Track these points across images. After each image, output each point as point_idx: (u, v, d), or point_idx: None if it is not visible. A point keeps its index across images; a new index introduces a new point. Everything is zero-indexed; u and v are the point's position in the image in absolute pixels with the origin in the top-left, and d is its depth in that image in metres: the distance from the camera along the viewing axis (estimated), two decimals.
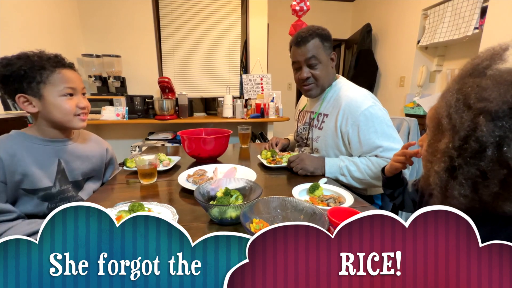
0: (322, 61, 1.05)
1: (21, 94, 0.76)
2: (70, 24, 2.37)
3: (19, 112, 1.62)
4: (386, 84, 3.19)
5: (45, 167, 0.82)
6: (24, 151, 0.78)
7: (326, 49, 1.05)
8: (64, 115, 0.82)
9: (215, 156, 1.17)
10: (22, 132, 0.82)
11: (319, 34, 1.03)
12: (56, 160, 0.85)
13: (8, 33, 1.62)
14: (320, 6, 3.90)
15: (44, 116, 0.81)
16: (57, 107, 0.80)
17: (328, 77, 1.09)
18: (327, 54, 1.06)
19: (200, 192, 0.67)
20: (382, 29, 3.21)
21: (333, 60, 1.09)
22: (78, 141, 0.95)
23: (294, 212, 0.59)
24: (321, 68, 1.06)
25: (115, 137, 2.72)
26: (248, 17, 2.82)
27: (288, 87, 4.15)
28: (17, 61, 0.75)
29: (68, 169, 0.88)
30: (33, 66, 0.76)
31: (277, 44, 3.81)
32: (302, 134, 1.24)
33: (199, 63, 2.85)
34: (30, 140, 0.81)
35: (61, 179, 0.86)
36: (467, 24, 2.08)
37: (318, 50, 1.03)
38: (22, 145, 0.79)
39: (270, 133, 2.70)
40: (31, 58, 0.77)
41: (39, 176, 0.80)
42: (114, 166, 1.11)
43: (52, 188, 0.83)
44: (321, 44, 1.04)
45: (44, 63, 0.78)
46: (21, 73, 0.74)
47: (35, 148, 0.81)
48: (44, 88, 0.78)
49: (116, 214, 0.61)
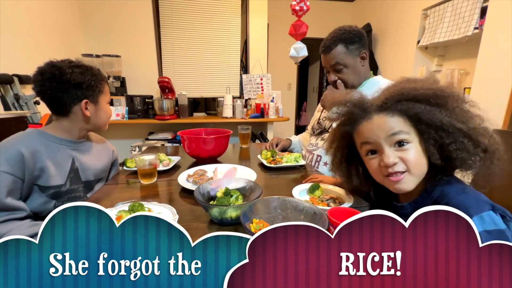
0: (348, 65, 1.07)
1: (87, 100, 0.87)
2: (70, 24, 2.37)
3: (19, 112, 1.62)
4: None
5: (60, 166, 0.85)
6: (43, 148, 0.82)
7: (352, 51, 1.06)
8: (107, 119, 0.98)
9: (215, 156, 1.17)
10: (39, 130, 0.86)
11: (343, 39, 1.05)
12: (70, 160, 0.89)
13: (8, 33, 1.62)
14: (320, 6, 3.90)
15: (91, 120, 0.92)
16: (106, 112, 0.96)
17: (358, 76, 1.11)
18: (353, 56, 1.07)
19: (200, 192, 0.67)
20: (382, 29, 3.21)
21: (363, 58, 1.09)
22: (90, 143, 1.00)
23: (294, 212, 0.59)
24: (348, 71, 1.09)
25: (115, 137, 2.72)
26: (248, 17, 2.82)
27: (288, 87, 4.15)
28: (85, 71, 0.86)
29: (81, 169, 0.92)
30: (96, 77, 0.89)
31: (277, 44, 3.81)
32: (323, 123, 1.24)
33: (199, 63, 2.85)
34: (47, 138, 0.85)
35: (73, 178, 0.89)
36: (467, 24, 2.08)
37: (341, 56, 1.06)
38: (40, 142, 0.83)
39: (270, 133, 2.70)
40: (93, 70, 0.90)
41: (54, 173, 0.83)
42: (116, 167, 1.14)
43: (62, 186, 0.85)
44: (345, 49, 1.06)
45: (102, 75, 0.93)
46: (91, 83, 0.87)
47: (51, 146, 0.85)
48: (100, 97, 0.92)
49: (116, 214, 0.61)
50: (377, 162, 0.56)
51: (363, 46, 1.08)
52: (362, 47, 1.08)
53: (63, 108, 0.86)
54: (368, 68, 1.14)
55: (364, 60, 1.10)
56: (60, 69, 0.82)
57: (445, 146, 0.52)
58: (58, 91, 0.83)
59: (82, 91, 0.85)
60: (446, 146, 0.51)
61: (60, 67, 0.83)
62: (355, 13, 3.97)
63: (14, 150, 0.75)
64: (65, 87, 0.83)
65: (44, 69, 0.83)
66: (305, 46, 1.67)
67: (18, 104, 1.64)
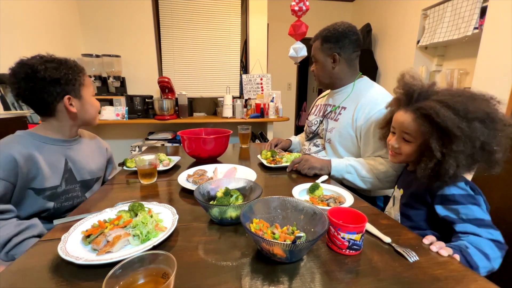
0: (318, 61, 1.14)
1: (69, 96, 0.83)
2: (70, 24, 2.37)
3: (19, 112, 1.63)
4: (386, 84, 3.18)
5: (54, 167, 0.84)
6: (36, 151, 0.80)
7: (324, 50, 1.11)
8: (95, 112, 0.93)
9: (215, 156, 1.17)
10: (29, 131, 0.83)
11: (322, 35, 1.11)
12: (63, 160, 0.87)
13: (8, 33, 1.62)
14: (320, 6, 3.90)
15: (79, 116, 0.88)
16: (92, 105, 0.91)
17: (327, 75, 1.15)
18: (324, 54, 1.12)
19: (200, 192, 0.67)
20: (382, 29, 3.21)
21: (334, 61, 1.10)
22: (82, 141, 0.98)
23: (294, 212, 0.59)
24: (318, 67, 1.16)
25: (115, 137, 2.72)
26: (248, 17, 2.82)
27: (288, 87, 4.14)
28: (59, 65, 0.81)
29: (75, 169, 0.90)
30: (73, 70, 0.83)
31: (277, 44, 3.81)
32: (313, 126, 1.25)
33: (199, 63, 2.84)
34: (39, 140, 0.83)
35: (68, 178, 0.87)
36: (466, 24, 2.08)
37: (315, 50, 1.14)
38: (33, 145, 0.80)
39: (270, 133, 2.70)
40: (68, 63, 0.84)
41: (48, 175, 0.81)
42: (112, 165, 1.13)
43: (58, 187, 0.84)
44: (320, 45, 1.12)
45: (79, 67, 0.87)
46: (69, 77, 0.82)
47: (44, 148, 0.83)
48: (83, 90, 0.87)
49: (116, 214, 0.61)
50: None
51: (340, 49, 1.08)
52: (339, 48, 1.08)
53: (47, 108, 0.82)
54: (347, 72, 1.13)
55: (335, 63, 1.10)
56: (32, 67, 0.77)
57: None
58: (36, 91, 0.78)
59: (62, 87, 0.81)
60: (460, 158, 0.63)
61: (32, 64, 0.77)
62: (355, 13, 3.97)
63: (6, 155, 0.73)
64: (42, 85, 0.78)
65: (15, 70, 0.77)
66: (304, 46, 1.67)
67: (18, 104, 1.64)
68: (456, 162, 0.62)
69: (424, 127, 0.66)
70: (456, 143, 0.61)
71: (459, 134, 0.60)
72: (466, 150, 0.61)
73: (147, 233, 0.55)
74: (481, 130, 0.60)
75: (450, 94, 0.65)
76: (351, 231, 0.50)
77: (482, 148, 0.61)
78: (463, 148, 0.61)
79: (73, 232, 0.55)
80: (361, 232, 0.51)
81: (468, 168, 0.65)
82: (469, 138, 0.60)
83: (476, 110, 0.61)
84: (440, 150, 0.64)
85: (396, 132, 0.76)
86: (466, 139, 0.60)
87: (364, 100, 1.05)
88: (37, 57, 0.80)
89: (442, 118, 0.62)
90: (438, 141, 0.64)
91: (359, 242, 0.51)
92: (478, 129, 0.60)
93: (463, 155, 0.61)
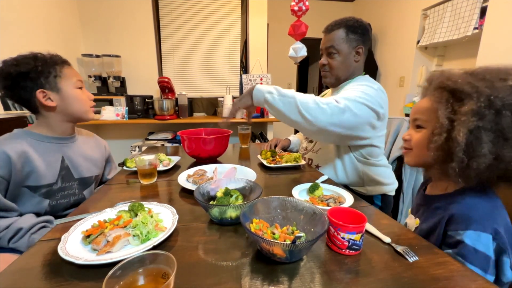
0: (341, 52, 1.04)
1: (41, 90, 0.80)
2: (70, 24, 2.37)
3: (19, 112, 1.63)
4: (386, 84, 3.18)
5: (50, 164, 0.84)
6: (31, 149, 0.80)
7: (351, 41, 1.03)
8: (82, 106, 0.89)
9: (215, 156, 1.17)
10: (26, 130, 0.84)
11: (347, 25, 1.02)
12: (60, 157, 0.87)
13: (8, 33, 1.62)
14: (320, 6, 3.90)
15: (62, 110, 0.85)
16: (76, 98, 0.87)
17: (347, 69, 1.07)
18: (350, 46, 1.03)
19: (200, 192, 0.67)
20: (382, 29, 3.21)
21: (358, 53, 1.05)
22: (80, 139, 0.98)
23: (294, 212, 0.59)
24: (339, 58, 1.05)
25: (115, 137, 2.72)
26: (248, 17, 2.82)
27: (288, 87, 4.14)
28: (30, 59, 0.79)
29: (73, 166, 0.90)
30: (46, 62, 0.81)
31: (277, 44, 3.81)
32: None
33: (199, 63, 2.84)
34: (35, 137, 0.83)
35: (65, 176, 0.87)
36: (466, 24, 2.08)
37: (339, 40, 1.03)
38: (28, 142, 0.81)
39: (270, 133, 2.70)
40: (42, 56, 0.81)
41: (44, 173, 0.81)
42: (111, 163, 1.13)
43: (54, 185, 0.84)
44: (345, 35, 1.02)
45: (55, 59, 0.84)
46: (38, 69, 0.79)
47: (40, 145, 0.83)
48: (60, 82, 0.83)
49: (116, 214, 0.61)
50: None
51: (363, 42, 1.04)
52: (362, 42, 1.04)
53: (29, 105, 0.82)
54: (361, 67, 1.10)
55: (358, 56, 1.05)
56: (4, 63, 0.77)
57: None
58: (10, 88, 0.79)
59: (33, 81, 0.79)
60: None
61: (4, 61, 0.78)
62: (355, 13, 3.97)
63: (1, 153, 0.73)
64: (15, 81, 0.77)
65: None
66: (304, 46, 1.67)
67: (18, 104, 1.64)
68: (468, 132, 0.49)
69: (435, 97, 0.57)
70: (468, 104, 0.49)
71: (470, 91, 0.49)
72: (480, 115, 0.48)
73: (147, 233, 0.55)
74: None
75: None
76: (351, 231, 0.50)
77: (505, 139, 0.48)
78: (475, 108, 0.48)
79: (73, 232, 0.55)
80: (361, 232, 0.51)
81: (489, 168, 0.50)
82: (487, 102, 0.48)
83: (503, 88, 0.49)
84: (447, 115, 0.53)
85: (410, 123, 0.67)
86: (480, 99, 0.48)
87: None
88: (17, 56, 0.80)
89: (453, 79, 0.53)
90: (447, 104, 0.53)
91: (359, 242, 0.51)
92: (500, 97, 0.48)
93: (481, 129, 0.48)
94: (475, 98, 0.49)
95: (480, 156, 0.49)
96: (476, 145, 0.49)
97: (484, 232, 0.51)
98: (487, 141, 0.48)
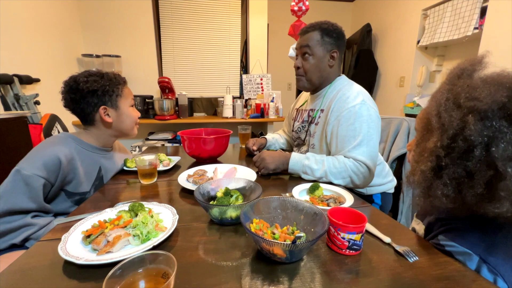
0: (315, 54, 1.03)
1: (104, 106, 0.87)
2: (70, 24, 2.37)
3: (19, 112, 1.62)
4: (386, 84, 3.18)
5: (88, 173, 0.87)
6: (77, 155, 0.84)
7: (325, 44, 1.02)
8: (132, 123, 0.95)
9: (215, 156, 1.17)
10: (72, 135, 0.87)
11: (322, 28, 1.02)
12: (97, 167, 0.91)
13: (8, 33, 1.62)
14: (320, 6, 3.90)
15: (116, 126, 0.92)
16: (129, 116, 0.94)
17: (320, 73, 1.05)
18: (324, 49, 1.02)
19: (200, 192, 0.67)
20: (382, 29, 3.21)
21: (332, 58, 1.04)
22: (115, 150, 1.03)
23: (294, 212, 0.59)
24: (313, 61, 1.04)
25: None
26: (248, 17, 2.82)
27: (288, 87, 4.15)
28: (99, 78, 0.86)
29: (106, 177, 0.94)
30: (112, 81, 0.87)
31: (277, 44, 3.81)
32: (300, 134, 1.20)
33: (199, 63, 2.84)
34: (81, 145, 0.87)
35: (97, 186, 0.91)
36: (466, 24, 2.08)
37: (313, 42, 1.02)
38: (75, 148, 0.84)
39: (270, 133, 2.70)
40: (109, 76, 0.89)
41: (82, 180, 0.85)
42: None
43: (87, 193, 0.87)
44: (320, 37, 1.02)
45: (118, 78, 0.91)
46: (106, 88, 0.86)
47: (84, 154, 0.87)
48: (120, 101, 0.90)
49: (116, 214, 0.61)
50: None
51: (338, 47, 1.03)
52: (337, 47, 1.03)
53: (87, 118, 0.88)
54: (336, 73, 1.09)
55: (333, 60, 1.04)
56: (75, 79, 0.84)
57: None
58: (76, 102, 0.85)
59: (99, 98, 0.86)
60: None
61: (75, 77, 0.85)
62: (355, 13, 3.97)
63: (53, 157, 0.76)
64: (81, 96, 0.85)
65: (65, 83, 0.86)
66: None
67: (18, 104, 1.64)
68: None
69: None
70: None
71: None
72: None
73: (147, 233, 0.55)
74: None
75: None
76: (351, 231, 0.50)
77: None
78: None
79: (73, 232, 0.55)
80: (361, 232, 0.51)
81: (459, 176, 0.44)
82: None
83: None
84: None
85: None
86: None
87: (336, 99, 1.00)
88: (86, 72, 0.87)
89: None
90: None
91: (359, 242, 0.51)
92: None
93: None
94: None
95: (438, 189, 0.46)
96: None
97: (470, 250, 0.47)
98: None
